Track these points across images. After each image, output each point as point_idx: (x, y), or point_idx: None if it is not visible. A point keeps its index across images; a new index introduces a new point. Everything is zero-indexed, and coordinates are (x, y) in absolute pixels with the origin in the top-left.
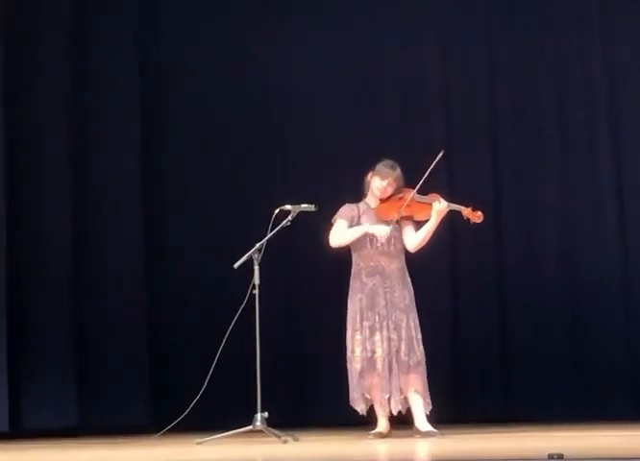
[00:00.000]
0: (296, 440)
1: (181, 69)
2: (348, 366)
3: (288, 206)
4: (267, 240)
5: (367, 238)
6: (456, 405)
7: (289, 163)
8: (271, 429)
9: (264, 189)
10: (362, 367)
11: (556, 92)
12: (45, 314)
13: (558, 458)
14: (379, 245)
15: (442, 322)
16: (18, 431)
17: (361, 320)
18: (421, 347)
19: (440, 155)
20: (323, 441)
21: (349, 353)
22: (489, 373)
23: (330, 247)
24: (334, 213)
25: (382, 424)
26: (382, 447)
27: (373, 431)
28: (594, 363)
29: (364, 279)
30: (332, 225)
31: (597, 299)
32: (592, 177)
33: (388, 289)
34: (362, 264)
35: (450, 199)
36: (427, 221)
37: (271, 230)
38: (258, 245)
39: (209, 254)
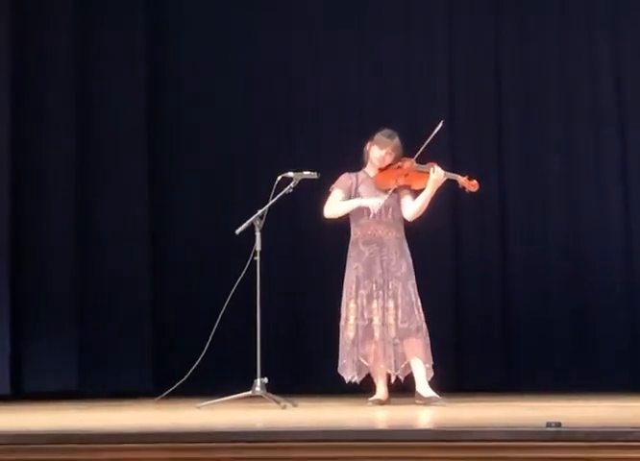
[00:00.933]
0: (295, 406)
1: (185, 36)
2: (340, 334)
3: (291, 174)
4: (269, 207)
5: (365, 208)
6: (457, 375)
7: (291, 134)
8: (270, 395)
9: (265, 159)
10: (356, 335)
11: (562, 77)
12: (47, 277)
13: (556, 426)
14: (376, 213)
15: (444, 291)
16: (20, 394)
17: (357, 288)
18: (421, 313)
19: (440, 125)
20: (322, 407)
21: (342, 322)
22: (490, 343)
23: (323, 217)
24: (334, 182)
25: (381, 392)
26: (381, 413)
27: (372, 398)
28: (594, 335)
29: (361, 248)
30: (329, 193)
31: (599, 273)
32: (597, 164)
33: (385, 258)
34: (360, 233)
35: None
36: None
37: (273, 197)
38: (259, 211)
39: (210, 221)
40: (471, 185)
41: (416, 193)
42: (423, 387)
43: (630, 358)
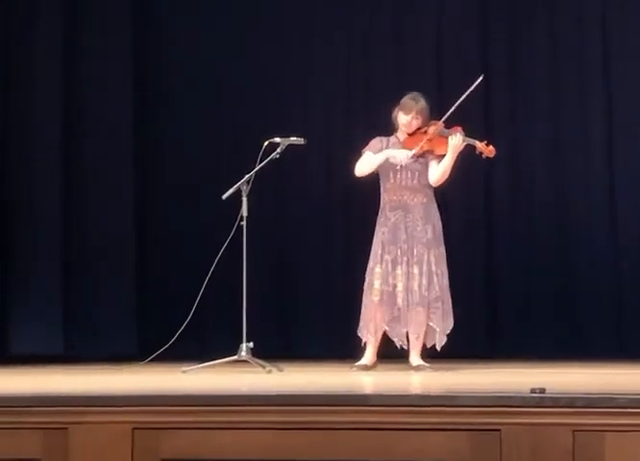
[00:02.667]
0: (280, 370)
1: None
2: (363, 298)
3: (277, 139)
4: (256, 172)
5: (391, 172)
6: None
7: (279, 100)
8: (256, 359)
9: (253, 124)
10: (381, 299)
11: (550, 47)
12: (33, 242)
13: (540, 392)
14: (402, 178)
15: None
16: (5, 357)
17: (382, 253)
18: (442, 282)
19: (479, 79)
20: (307, 372)
21: (366, 286)
22: (474, 310)
23: (355, 177)
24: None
25: (368, 357)
26: (366, 378)
27: (357, 363)
28: (579, 302)
29: (388, 214)
30: (360, 155)
31: (584, 236)
32: (583, 132)
33: (410, 223)
34: (387, 198)
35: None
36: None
37: (260, 163)
38: (246, 177)
39: (197, 185)
40: (488, 151)
41: (442, 158)
42: (414, 357)
43: (614, 325)
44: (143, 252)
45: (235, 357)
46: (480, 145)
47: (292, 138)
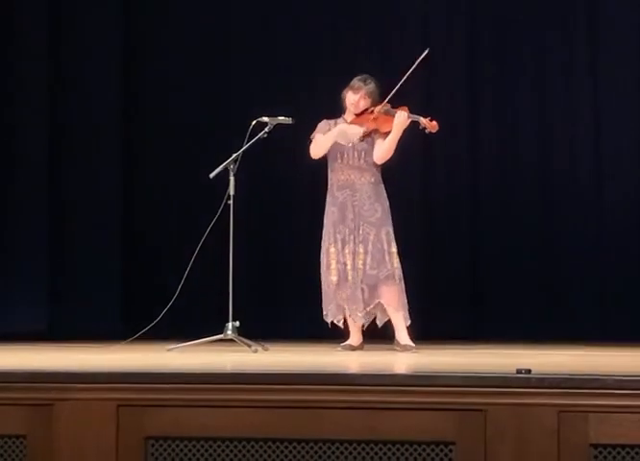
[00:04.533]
0: (266, 350)
1: None
2: (323, 279)
3: (265, 118)
4: (243, 151)
5: (338, 153)
6: (424, 322)
7: (267, 78)
8: (241, 338)
9: (241, 104)
10: (338, 279)
11: (535, 24)
12: (18, 219)
13: (526, 373)
14: (349, 158)
15: (411, 237)
16: None
17: (334, 232)
18: (395, 260)
19: (425, 53)
20: (293, 351)
21: (324, 268)
22: (458, 290)
23: (311, 159)
24: (312, 128)
25: (354, 337)
26: (351, 358)
27: (343, 344)
28: (564, 283)
29: (336, 194)
30: (310, 141)
31: (568, 218)
32: (569, 107)
33: (357, 203)
34: (334, 179)
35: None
36: None
37: (247, 142)
38: (234, 156)
39: (184, 163)
40: (431, 126)
41: (387, 136)
42: (399, 334)
43: (600, 307)
44: (129, 231)
45: (221, 336)
46: (424, 121)
47: (280, 118)
